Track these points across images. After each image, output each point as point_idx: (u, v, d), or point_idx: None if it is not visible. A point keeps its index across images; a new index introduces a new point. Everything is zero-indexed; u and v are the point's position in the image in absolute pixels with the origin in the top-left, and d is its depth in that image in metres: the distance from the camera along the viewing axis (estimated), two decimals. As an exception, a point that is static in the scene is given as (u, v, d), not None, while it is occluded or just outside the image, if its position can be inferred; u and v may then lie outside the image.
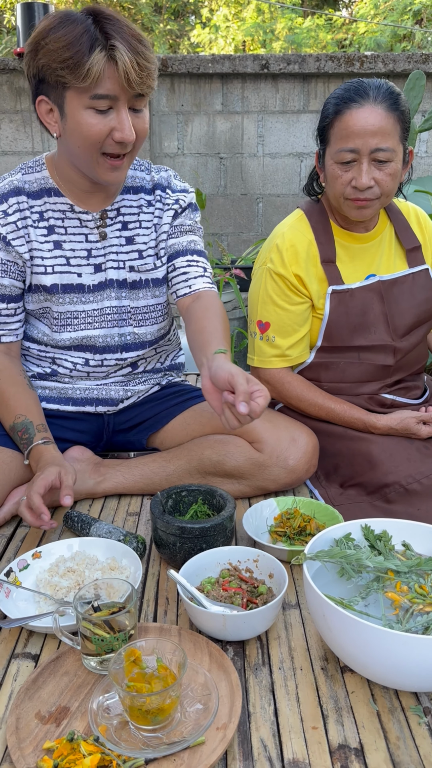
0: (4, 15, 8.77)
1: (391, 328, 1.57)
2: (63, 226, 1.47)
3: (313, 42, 8.63)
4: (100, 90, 1.25)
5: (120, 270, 1.52)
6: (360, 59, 3.58)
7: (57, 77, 1.26)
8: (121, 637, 0.97)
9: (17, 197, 1.44)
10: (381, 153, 1.38)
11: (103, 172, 1.35)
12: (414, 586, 1.04)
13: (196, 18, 10.34)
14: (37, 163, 1.48)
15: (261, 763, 0.85)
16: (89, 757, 0.82)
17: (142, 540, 1.31)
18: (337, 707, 0.94)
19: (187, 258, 1.56)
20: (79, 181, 1.44)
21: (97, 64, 1.21)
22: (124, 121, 1.28)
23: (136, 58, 1.24)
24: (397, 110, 1.40)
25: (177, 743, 0.84)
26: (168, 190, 1.55)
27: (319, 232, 1.56)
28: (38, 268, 1.47)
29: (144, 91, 1.28)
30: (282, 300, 1.55)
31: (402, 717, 0.93)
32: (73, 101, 1.27)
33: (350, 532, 1.15)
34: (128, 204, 1.52)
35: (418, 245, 1.61)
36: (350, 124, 1.39)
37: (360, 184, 1.40)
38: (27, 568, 1.23)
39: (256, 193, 3.84)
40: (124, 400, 1.63)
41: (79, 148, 1.32)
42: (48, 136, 3.68)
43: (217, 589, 1.12)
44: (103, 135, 1.29)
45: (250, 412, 1.11)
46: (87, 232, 1.49)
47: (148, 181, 1.55)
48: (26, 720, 0.90)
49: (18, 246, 1.44)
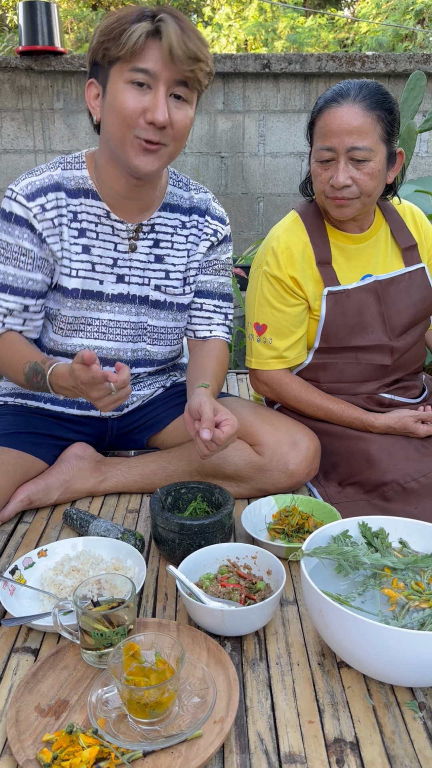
0: (6, 14, 8.77)
1: (388, 327, 1.57)
2: (95, 231, 1.43)
3: (315, 41, 8.63)
4: (139, 63, 1.21)
5: (144, 287, 1.50)
6: (361, 59, 3.58)
7: (104, 51, 1.23)
8: (120, 632, 0.98)
9: (56, 193, 1.39)
10: (357, 152, 1.38)
11: (135, 154, 1.28)
12: (410, 582, 1.05)
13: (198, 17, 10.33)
14: (77, 160, 1.43)
15: (257, 756, 0.86)
16: (88, 749, 0.83)
17: (140, 537, 1.32)
18: (333, 702, 0.95)
19: (215, 302, 1.58)
20: (116, 180, 1.38)
21: (139, 30, 1.19)
22: (159, 100, 1.23)
23: (184, 38, 1.20)
24: (379, 109, 1.39)
25: (175, 736, 0.85)
26: (207, 216, 1.53)
27: (314, 233, 1.56)
28: (64, 269, 1.43)
29: (188, 75, 1.23)
30: (278, 302, 1.56)
31: (397, 712, 0.94)
32: (115, 76, 1.24)
33: (348, 530, 1.16)
34: (164, 222, 1.49)
35: (414, 244, 1.61)
36: (327, 122, 1.40)
37: (336, 182, 1.41)
38: (32, 566, 1.24)
39: (256, 192, 3.84)
40: (129, 405, 1.63)
41: (112, 125, 1.27)
42: (50, 134, 3.69)
43: (215, 585, 1.13)
44: (136, 113, 1.24)
45: (214, 439, 1.19)
46: (117, 241, 1.45)
47: (186, 200, 1.52)
48: (26, 713, 0.91)
49: (52, 244, 1.40)
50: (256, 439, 1.49)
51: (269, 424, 1.51)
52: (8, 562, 1.31)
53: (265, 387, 1.64)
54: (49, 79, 3.62)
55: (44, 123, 3.69)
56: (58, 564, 1.24)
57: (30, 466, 1.50)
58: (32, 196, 1.37)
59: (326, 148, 1.41)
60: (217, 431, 1.20)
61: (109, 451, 1.72)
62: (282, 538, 1.36)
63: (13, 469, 1.45)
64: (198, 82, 1.27)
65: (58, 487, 1.52)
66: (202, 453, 1.23)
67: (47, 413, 1.59)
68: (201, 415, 1.21)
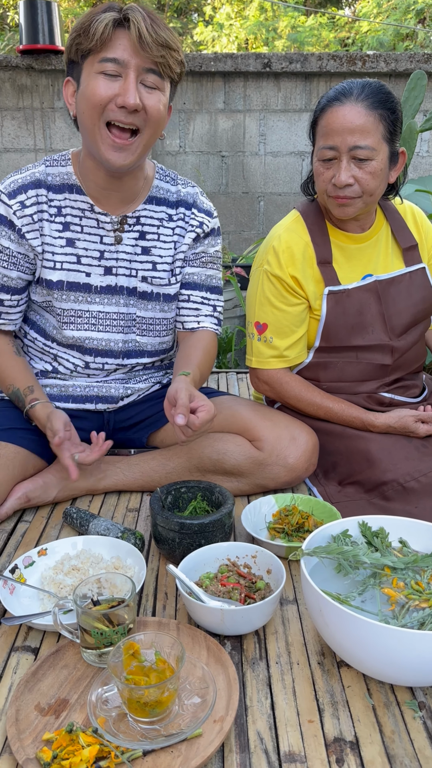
0: (7, 12, 8.76)
1: (388, 327, 1.58)
2: (79, 225, 1.47)
3: (316, 40, 8.63)
4: (108, 53, 1.24)
5: (131, 278, 1.52)
6: (362, 58, 3.58)
7: (76, 47, 1.27)
8: (120, 631, 0.98)
9: (36, 189, 1.43)
10: (360, 151, 1.39)
11: (106, 148, 1.31)
12: (410, 582, 1.05)
13: (199, 16, 10.33)
14: (63, 157, 1.48)
15: (257, 755, 0.86)
16: (88, 748, 0.83)
17: (140, 536, 1.32)
18: (333, 701, 0.95)
19: (203, 294, 1.59)
20: (96, 173, 1.41)
21: (105, 19, 1.22)
22: (129, 85, 1.25)
23: (152, 25, 1.23)
24: (382, 109, 1.39)
25: (174, 735, 0.85)
26: (193, 209, 1.54)
27: (315, 233, 1.56)
28: (47, 262, 1.47)
29: (158, 60, 1.26)
30: (279, 301, 1.56)
31: (397, 711, 0.94)
32: (87, 69, 1.28)
33: (348, 529, 1.16)
34: (149, 214, 1.51)
35: (414, 244, 1.61)
36: (330, 122, 1.40)
37: (338, 181, 1.41)
38: (32, 565, 1.24)
39: (257, 191, 3.84)
40: (124, 398, 1.64)
41: (84, 115, 1.30)
42: (51, 133, 3.69)
43: (215, 584, 1.13)
44: (105, 99, 1.26)
45: (189, 424, 1.20)
46: (103, 234, 1.48)
47: (172, 194, 1.54)
48: (26, 712, 0.91)
49: (31, 239, 1.44)
50: (255, 435, 1.49)
51: (268, 420, 1.52)
52: (8, 561, 1.31)
53: (266, 386, 1.64)
54: (50, 77, 3.62)
55: (45, 122, 3.68)
56: (58, 563, 1.24)
57: (28, 461, 1.51)
58: (13, 193, 1.42)
59: (329, 146, 1.41)
60: (192, 417, 1.20)
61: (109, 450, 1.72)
62: (282, 537, 1.36)
63: (11, 464, 1.46)
64: (169, 68, 1.29)
65: (56, 484, 1.52)
66: (179, 439, 1.24)
67: None
68: (177, 401, 1.22)
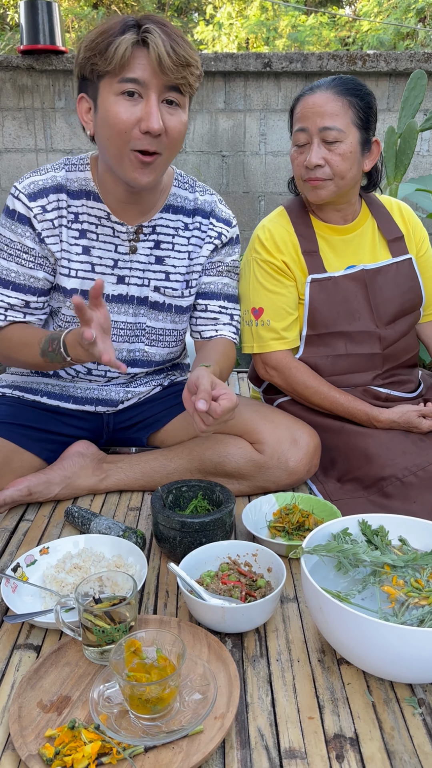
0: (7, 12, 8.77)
1: (375, 316, 1.61)
2: (95, 232, 1.44)
3: (317, 40, 8.62)
4: (128, 73, 1.21)
5: (143, 288, 1.51)
6: (362, 58, 3.58)
7: (91, 66, 1.23)
8: (121, 629, 0.99)
9: (57, 194, 1.40)
10: (328, 132, 1.45)
11: (132, 169, 1.29)
12: (410, 580, 1.06)
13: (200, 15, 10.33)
14: (82, 161, 1.44)
15: (258, 751, 0.87)
16: (90, 744, 0.84)
17: (141, 535, 1.33)
18: (333, 698, 0.96)
19: (220, 303, 1.58)
20: (114, 189, 1.39)
21: (125, 43, 1.19)
22: (151, 108, 1.23)
23: (171, 44, 1.20)
24: (351, 96, 1.46)
25: (176, 732, 0.86)
26: (211, 218, 1.52)
27: (299, 225, 1.61)
28: (63, 269, 1.45)
29: (179, 81, 1.23)
30: (272, 285, 1.60)
31: (397, 708, 0.94)
32: (105, 90, 1.24)
33: (347, 527, 1.16)
34: (165, 223, 1.49)
35: (400, 235, 1.65)
36: (302, 108, 1.49)
37: (309, 162, 1.47)
38: (34, 563, 1.25)
39: (258, 191, 3.85)
40: (124, 401, 1.64)
41: (108, 140, 1.27)
42: (51, 133, 3.69)
43: (216, 583, 1.14)
44: (129, 124, 1.23)
45: (210, 411, 1.15)
46: (118, 243, 1.46)
47: (190, 201, 1.51)
48: (28, 709, 0.92)
49: (51, 244, 1.42)
50: (256, 437, 1.49)
51: (269, 421, 1.52)
52: (10, 560, 1.32)
53: (274, 371, 1.64)
54: (51, 78, 3.63)
55: (45, 122, 3.69)
56: (59, 561, 1.24)
57: (22, 458, 1.51)
58: (34, 196, 1.39)
59: (300, 129, 1.48)
60: (213, 404, 1.17)
61: (110, 448, 1.73)
62: (282, 535, 1.37)
63: (9, 460, 1.47)
64: (189, 87, 1.28)
65: (59, 482, 1.53)
66: (199, 428, 1.20)
67: (43, 407, 1.60)
68: (198, 387, 1.18)
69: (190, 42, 1.27)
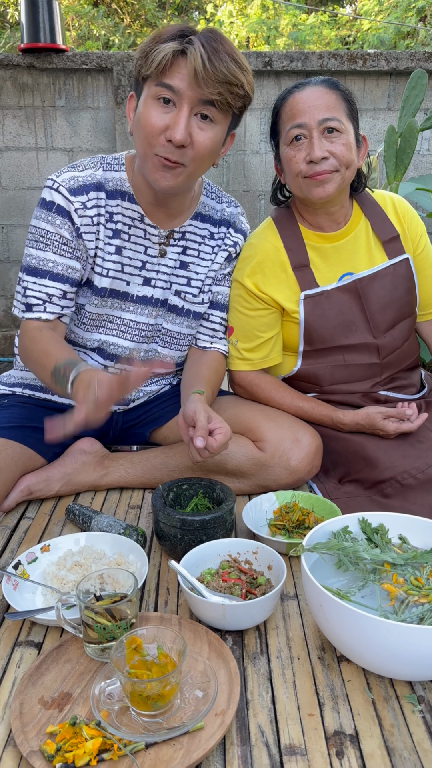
0: (7, 10, 8.76)
1: (371, 325, 1.57)
2: (128, 233, 1.46)
3: (317, 39, 8.61)
4: (165, 80, 1.24)
5: (166, 291, 1.53)
6: (363, 57, 3.58)
7: (138, 68, 1.27)
8: (122, 626, 0.99)
9: (97, 192, 1.41)
10: (330, 122, 1.41)
11: (154, 170, 1.31)
12: (410, 578, 1.06)
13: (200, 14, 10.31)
14: (117, 161, 1.46)
15: (258, 748, 0.87)
16: (91, 740, 0.84)
17: (142, 532, 1.33)
18: (333, 695, 0.96)
19: (222, 315, 1.62)
20: (145, 190, 1.41)
21: (166, 50, 1.21)
22: (180, 119, 1.24)
23: (213, 58, 1.20)
24: (339, 90, 1.45)
25: (176, 728, 0.86)
26: (231, 228, 1.56)
27: (288, 237, 1.56)
28: (98, 268, 1.45)
29: (214, 97, 1.23)
30: (242, 306, 1.58)
31: (396, 705, 0.95)
32: (145, 92, 1.28)
33: (348, 525, 1.17)
34: (194, 230, 1.52)
35: (396, 235, 1.59)
36: (295, 103, 1.44)
37: (314, 156, 1.41)
38: (35, 561, 1.25)
39: (258, 190, 3.85)
40: (135, 399, 1.65)
41: (138, 140, 1.31)
42: (52, 132, 3.69)
43: (216, 580, 1.14)
44: (157, 130, 1.25)
45: (207, 446, 1.22)
46: (148, 245, 1.48)
47: (217, 212, 1.55)
48: (30, 705, 0.92)
49: (87, 241, 1.42)
50: (258, 436, 1.50)
51: (272, 420, 1.52)
52: (11, 557, 1.33)
53: (240, 388, 1.67)
54: (51, 76, 3.62)
55: (46, 120, 3.69)
56: (61, 559, 1.25)
57: (31, 462, 1.52)
58: (75, 191, 1.39)
59: (297, 125, 1.43)
60: (210, 439, 1.23)
61: (111, 446, 1.73)
62: (283, 533, 1.37)
63: (15, 464, 1.47)
64: (228, 105, 1.27)
65: (59, 479, 1.53)
66: (194, 459, 1.27)
67: (53, 406, 1.61)
68: (195, 423, 1.24)
69: (245, 64, 1.26)
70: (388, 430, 1.51)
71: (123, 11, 9.24)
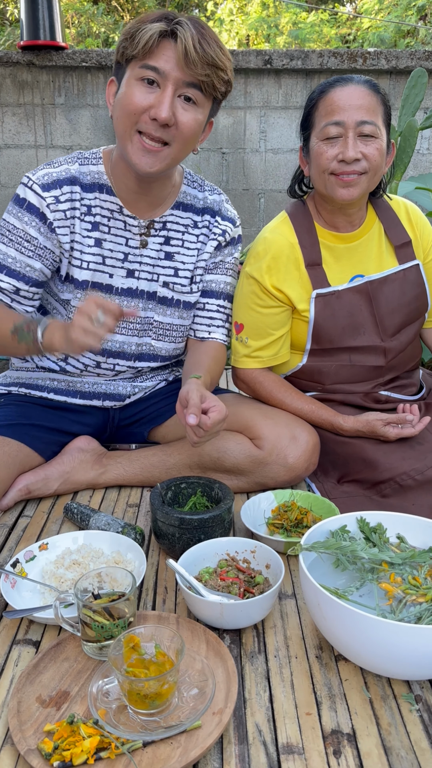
0: (7, 7, 8.74)
1: (380, 329, 1.57)
2: (107, 225, 1.46)
3: (317, 37, 8.60)
4: (150, 61, 1.24)
5: (153, 282, 1.53)
6: (363, 56, 3.58)
7: (122, 50, 1.27)
8: (120, 624, 0.99)
9: (71, 186, 1.42)
10: (366, 126, 1.39)
11: (135, 151, 1.31)
12: (407, 577, 1.06)
13: (201, 12, 10.30)
14: (95, 156, 1.47)
15: (256, 746, 0.87)
16: (89, 739, 0.84)
17: (140, 531, 1.33)
18: (331, 694, 0.96)
19: (219, 302, 1.60)
20: (127, 175, 1.41)
21: (152, 30, 1.22)
22: (164, 98, 1.25)
23: (201, 41, 1.22)
24: (380, 94, 1.43)
25: (174, 727, 0.86)
26: (218, 216, 1.55)
27: (303, 234, 1.55)
28: (75, 261, 1.46)
29: (201, 79, 1.25)
30: (255, 303, 1.57)
31: (394, 704, 0.95)
32: (128, 73, 1.28)
33: (346, 525, 1.17)
34: (175, 220, 1.52)
35: (408, 240, 1.59)
36: (335, 99, 1.41)
37: (347, 156, 1.39)
38: (33, 559, 1.25)
39: (258, 188, 3.84)
40: (131, 396, 1.65)
41: (118, 120, 1.31)
42: (51, 129, 3.69)
43: (214, 579, 1.14)
44: (140, 108, 1.26)
45: (200, 424, 1.21)
46: (129, 237, 1.48)
47: (199, 200, 1.54)
48: (27, 704, 0.92)
49: (61, 235, 1.43)
50: (256, 433, 1.50)
51: (269, 418, 1.52)
52: (9, 556, 1.33)
53: (243, 384, 1.66)
54: (51, 74, 3.62)
55: (45, 118, 3.68)
56: (59, 557, 1.25)
57: (28, 459, 1.52)
58: (47, 186, 1.40)
59: (334, 122, 1.40)
60: (203, 417, 1.22)
61: (110, 444, 1.73)
62: (281, 532, 1.38)
63: (13, 461, 1.47)
64: (213, 88, 1.28)
65: (57, 478, 1.53)
66: (191, 440, 1.25)
67: (50, 404, 1.61)
68: (188, 401, 1.23)
69: (228, 52, 1.28)
70: (389, 437, 1.51)
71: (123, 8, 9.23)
